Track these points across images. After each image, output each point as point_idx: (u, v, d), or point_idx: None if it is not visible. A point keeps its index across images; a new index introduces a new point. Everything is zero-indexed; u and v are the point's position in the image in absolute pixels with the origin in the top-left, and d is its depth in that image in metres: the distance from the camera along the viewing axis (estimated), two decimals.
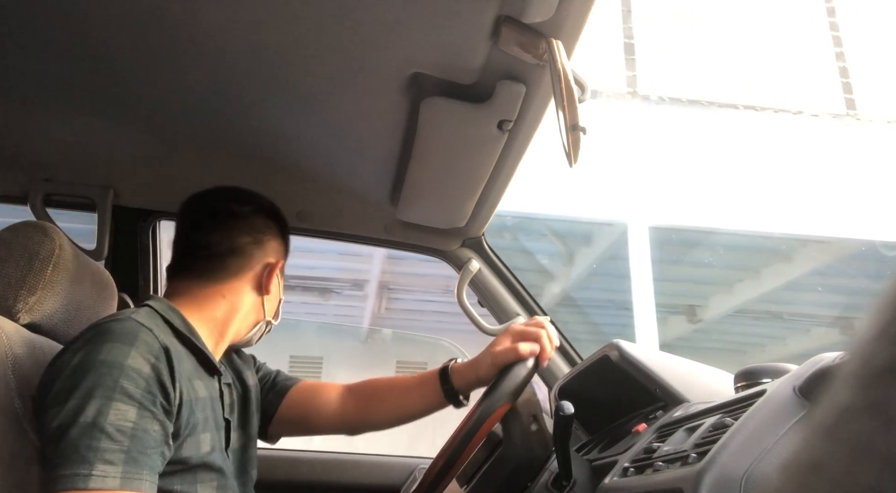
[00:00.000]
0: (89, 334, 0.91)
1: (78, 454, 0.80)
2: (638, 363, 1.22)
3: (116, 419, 0.83)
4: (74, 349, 0.89)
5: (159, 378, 0.90)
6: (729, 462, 0.72)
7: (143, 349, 0.90)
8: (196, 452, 0.96)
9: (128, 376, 0.86)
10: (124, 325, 0.92)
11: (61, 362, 0.89)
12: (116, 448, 0.82)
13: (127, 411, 0.84)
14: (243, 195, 1.16)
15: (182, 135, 1.33)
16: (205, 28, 0.97)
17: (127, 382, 0.86)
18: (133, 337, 0.90)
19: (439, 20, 0.88)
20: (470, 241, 1.61)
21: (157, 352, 0.91)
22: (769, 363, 1.03)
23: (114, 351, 0.88)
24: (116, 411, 0.84)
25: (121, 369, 0.86)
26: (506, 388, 1.05)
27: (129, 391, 0.86)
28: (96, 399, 0.84)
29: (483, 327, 1.63)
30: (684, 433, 0.94)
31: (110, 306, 1.17)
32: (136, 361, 0.88)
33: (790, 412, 0.77)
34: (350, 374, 5.91)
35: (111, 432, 0.82)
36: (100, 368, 0.86)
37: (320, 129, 1.24)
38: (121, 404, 0.84)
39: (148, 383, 0.88)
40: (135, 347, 0.89)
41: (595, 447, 1.30)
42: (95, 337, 0.90)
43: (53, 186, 1.44)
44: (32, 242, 1.00)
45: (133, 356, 0.88)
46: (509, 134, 1.11)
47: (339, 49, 0.98)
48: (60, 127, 1.29)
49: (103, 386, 0.85)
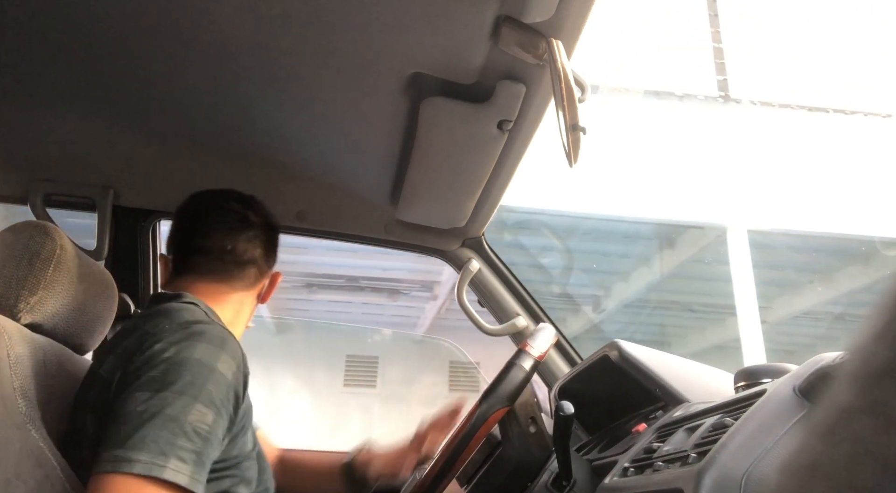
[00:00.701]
0: (183, 330, 0.94)
1: (157, 444, 0.82)
2: (638, 363, 1.22)
3: (196, 420, 0.86)
4: (169, 342, 0.91)
5: (236, 387, 0.93)
6: (729, 462, 0.72)
7: (230, 355, 0.93)
8: (243, 450, 0.99)
9: (215, 381, 0.89)
10: (214, 329, 0.96)
11: (154, 351, 0.91)
12: (190, 448, 0.84)
13: (206, 414, 0.87)
14: (257, 205, 1.20)
15: (182, 135, 1.33)
16: (205, 28, 0.97)
17: (213, 386, 0.89)
18: (223, 342, 0.94)
19: (439, 20, 0.88)
20: (470, 241, 1.61)
21: (240, 359, 0.95)
22: (769, 363, 1.03)
23: (208, 353, 0.91)
24: (198, 412, 0.86)
25: (211, 372, 0.89)
26: (503, 391, 1.05)
27: (213, 396, 0.88)
28: (185, 397, 0.86)
29: (483, 326, 1.63)
30: (684, 433, 0.94)
31: (111, 306, 1.17)
32: (224, 366, 0.91)
33: (790, 412, 0.77)
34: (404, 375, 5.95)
35: (189, 431, 0.85)
36: (194, 367, 0.89)
37: (320, 129, 1.24)
38: (202, 407, 0.87)
39: (228, 390, 0.91)
40: (225, 351, 0.93)
41: (595, 447, 1.30)
42: (191, 336, 0.93)
43: (53, 186, 1.44)
44: (33, 242, 1.00)
45: (222, 360, 0.92)
46: (509, 134, 1.11)
47: (340, 49, 0.98)
48: (60, 127, 1.29)
49: (194, 385, 0.87)
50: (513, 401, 1.06)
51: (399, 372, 5.94)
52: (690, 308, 6.09)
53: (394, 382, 5.86)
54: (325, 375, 5.99)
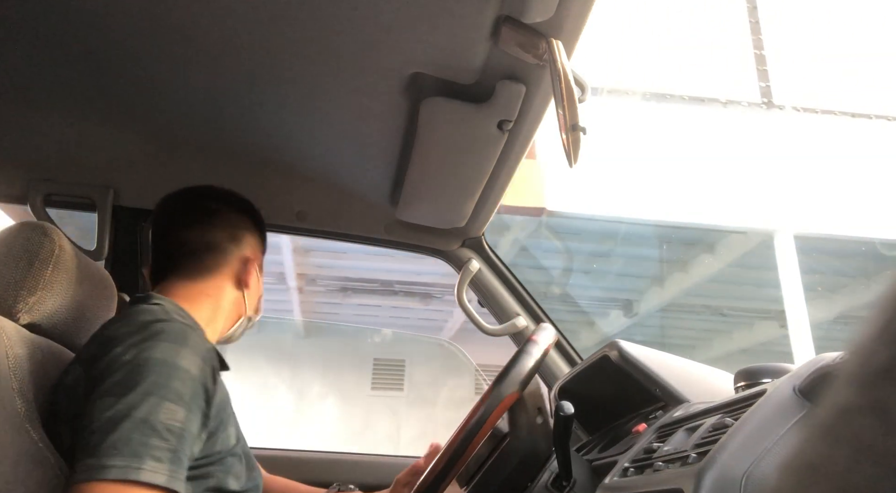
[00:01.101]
0: (141, 332, 0.92)
1: (129, 447, 0.82)
2: (638, 363, 1.22)
3: (167, 419, 0.85)
4: (128, 345, 0.90)
5: (204, 382, 0.92)
6: (729, 462, 0.72)
7: (194, 351, 0.92)
8: (226, 445, 0.99)
9: (180, 377, 0.88)
10: (174, 326, 0.94)
11: (113, 356, 0.90)
12: (165, 447, 0.84)
13: (176, 411, 0.86)
14: (215, 193, 1.18)
15: (182, 135, 1.33)
16: (205, 29, 0.97)
17: (178, 383, 0.88)
18: (185, 338, 0.93)
19: (439, 20, 0.88)
20: (470, 241, 1.61)
21: (205, 353, 0.94)
22: (769, 363, 1.03)
23: (169, 351, 0.90)
24: (167, 410, 0.85)
25: (175, 369, 0.89)
26: (515, 376, 1.05)
27: (181, 392, 0.88)
28: (152, 397, 0.85)
29: (483, 326, 1.63)
30: (684, 433, 0.94)
31: (110, 306, 1.17)
32: (188, 362, 0.90)
33: (790, 412, 0.77)
34: (430, 378, 5.95)
35: (161, 430, 0.84)
36: (156, 366, 0.88)
37: (320, 129, 1.24)
38: (172, 404, 0.86)
39: (195, 384, 0.90)
40: (187, 347, 0.92)
41: (595, 447, 1.30)
42: (150, 336, 0.91)
43: (53, 186, 1.44)
44: (32, 243, 1.00)
45: (185, 356, 0.90)
46: (509, 134, 1.11)
47: (340, 49, 0.98)
48: (60, 127, 1.29)
49: (158, 385, 0.86)
50: (525, 386, 1.06)
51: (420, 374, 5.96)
52: (721, 312, 6.05)
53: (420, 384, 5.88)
54: (353, 377, 6.03)
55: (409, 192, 1.36)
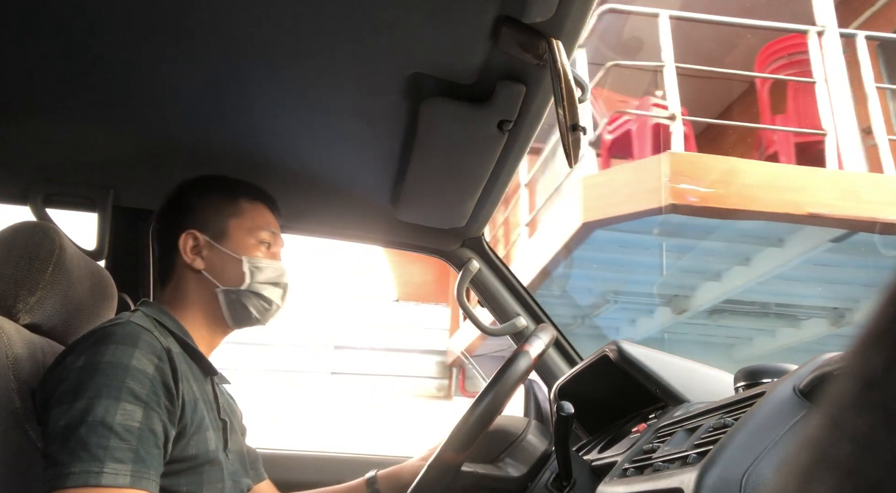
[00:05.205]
0: (92, 337, 0.92)
1: (88, 452, 0.81)
2: (638, 363, 1.22)
3: (124, 419, 0.84)
4: (78, 352, 0.90)
5: (163, 379, 0.91)
6: (729, 462, 0.72)
7: (147, 351, 0.91)
8: (203, 449, 0.97)
9: (133, 377, 0.87)
10: (125, 328, 0.93)
11: (65, 364, 0.90)
12: (125, 447, 0.83)
13: (134, 411, 0.85)
14: (188, 183, 1.22)
15: (182, 135, 1.32)
16: (204, 28, 0.97)
17: (133, 382, 0.87)
18: (136, 339, 0.91)
19: (439, 20, 0.88)
20: (470, 241, 1.61)
21: (160, 353, 0.93)
22: (769, 363, 1.03)
23: (118, 353, 0.88)
24: (124, 411, 0.84)
25: (126, 370, 0.87)
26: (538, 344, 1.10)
27: (136, 392, 0.87)
28: (105, 399, 0.84)
29: (483, 326, 1.63)
30: (684, 434, 0.94)
31: (110, 306, 1.17)
32: (141, 362, 0.89)
33: (790, 412, 0.77)
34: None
35: (120, 431, 0.83)
36: (106, 369, 0.87)
37: (320, 129, 1.24)
38: (128, 405, 0.85)
39: (153, 383, 0.89)
40: (138, 348, 0.90)
41: (595, 447, 1.30)
42: (99, 340, 0.91)
43: (53, 187, 1.44)
44: (32, 243, 1.00)
45: (137, 357, 0.89)
46: (509, 134, 1.11)
47: (340, 49, 0.98)
48: (60, 127, 1.29)
49: (110, 387, 0.85)
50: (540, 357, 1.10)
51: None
52: (767, 311, 5.90)
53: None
54: None
55: (410, 192, 1.36)
